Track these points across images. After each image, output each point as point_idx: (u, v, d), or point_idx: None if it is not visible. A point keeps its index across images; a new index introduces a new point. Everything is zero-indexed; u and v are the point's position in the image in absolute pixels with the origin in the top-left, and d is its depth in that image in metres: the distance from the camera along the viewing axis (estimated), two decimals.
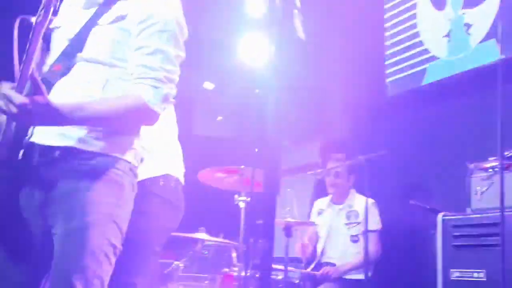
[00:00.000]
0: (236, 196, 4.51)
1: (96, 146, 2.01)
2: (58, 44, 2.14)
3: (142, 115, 2.03)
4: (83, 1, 2.21)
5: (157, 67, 2.04)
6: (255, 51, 6.25)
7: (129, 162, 2.09)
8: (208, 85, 7.25)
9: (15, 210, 2.00)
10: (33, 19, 2.61)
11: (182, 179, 3.15)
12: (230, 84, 7.07)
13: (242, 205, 4.43)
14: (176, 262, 4.76)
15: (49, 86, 1.99)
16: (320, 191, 5.64)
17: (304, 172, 5.55)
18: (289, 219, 4.47)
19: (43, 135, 2.01)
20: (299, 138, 6.40)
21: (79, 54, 2.06)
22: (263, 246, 1.48)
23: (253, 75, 6.07)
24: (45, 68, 2.08)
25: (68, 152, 1.99)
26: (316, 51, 5.70)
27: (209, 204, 5.79)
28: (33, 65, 1.82)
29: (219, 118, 7.47)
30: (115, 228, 2.01)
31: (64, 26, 2.18)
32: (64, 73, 2.04)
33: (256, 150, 3.99)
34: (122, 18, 2.09)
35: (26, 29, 2.55)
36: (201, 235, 4.65)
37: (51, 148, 1.99)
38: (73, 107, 1.90)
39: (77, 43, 2.08)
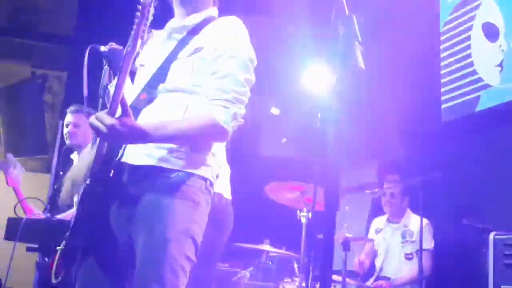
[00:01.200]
0: (298, 211, 4.55)
1: (176, 164, 2.09)
2: (143, 76, 2.26)
3: (214, 133, 2.10)
4: (164, 37, 2.32)
5: (228, 89, 2.12)
6: (318, 79, 6.27)
7: (206, 179, 2.17)
8: (275, 111, 7.30)
9: (105, 224, 2.09)
10: (103, 48, 2.72)
11: (227, 196, 3.18)
12: (294, 109, 7.09)
13: (303, 220, 4.47)
14: (243, 271, 4.80)
15: (137, 112, 2.11)
16: (376, 209, 5.58)
17: (362, 191, 5.51)
18: (347, 234, 4.46)
19: (133, 156, 2.10)
20: (357, 159, 6.35)
21: (162, 85, 2.16)
22: (323, 258, 1.48)
23: (315, 101, 6.08)
24: (132, 97, 2.19)
25: (152, 170, 2.07)
26: (375, 79, 5.67)
27: (274, 219, 5.81)
28: (123, 91, 1.90)
29: (284, 140, 7.49)
30: (191, 243, 2.08)
31: (147, 61, 2.30)
32: (149, 101, 2.15)
33: (317, 169, 4.00)
34: (199, 50, 2.18)
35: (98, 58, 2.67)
36: (266, 247, 4.68)
37: (138, 167, 2.08)
38: (157, 125, 2.00)
39: (160, 75, 2.19)
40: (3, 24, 8.99)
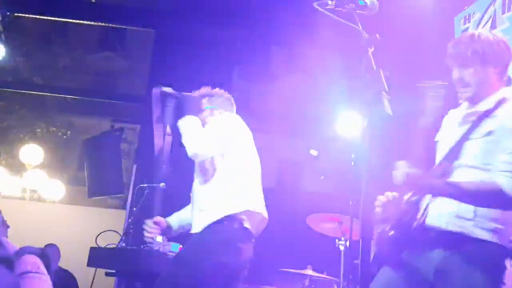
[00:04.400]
0: (337, 240, 4.48)
1: (483, 234, 1.99)
2: (441, 151, 2.24)
3: (497, 199, 2.00)
4: (459, 121, 2.25)
5: None
6: (351, 124, 6.23)
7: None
8: (313, 152, 7.26)
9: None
10: (168, 89, 2.71)
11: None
12: (331, 150, 7.04)
13: (342, 248, 4.40)
14: None
15: None
16: None
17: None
18: None
19: (437, 218, 2.06)
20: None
21: (456, 161, 2.11)
22: (360, 281, 1.43)
23: (349, 143, 6.02)
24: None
25: (457, 237, 2.00)
26: (400, 123, 5.58)
27: (315, 247, 5.70)
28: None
29: (322, 177, 7.41)
30: None
31: (444, 139, 2.27)
32: (444, 174, 2.11)
33: (352, 202, 3.94)
34: (490, 133, 2.09)
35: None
36: (309, 272, 4.61)
37: (443, 232, 2.03)
38: (448, 182, 2.04)
39: (454, 152, 2.14)
40: (87, 87, 9.34)
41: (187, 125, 2.73)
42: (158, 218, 2.90)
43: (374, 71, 1.47)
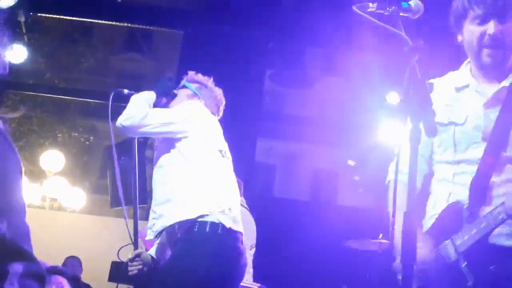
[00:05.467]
0: None
1: None
2: (469, 138, 1.95)
3: None
4: (478, 98, 1.96)
5: None
6: (392, 133, 6.16)
7: None
8: (351, 162, 7.21)
9: None
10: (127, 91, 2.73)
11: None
12: (371, 160, 6.97)
13: None
14: None
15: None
16: None
17: None
18: None
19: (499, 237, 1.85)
20: None
21: (504, 154, 1.88)
22: None
23: (390, 153, 5.96)
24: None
25: None
26: None
27: (353, 266, 5.63)
28: None
29: (361, 190, 7.35)
30: None
31: (467, 122, 1.95)
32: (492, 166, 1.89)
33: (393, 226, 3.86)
34: None
35: None
36: None
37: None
38: None
39: (497, 142, 1.89)
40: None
41: (136, 97, 2.71)
42: (137, 251, 2.79)
43: (418, 80, 1.45)
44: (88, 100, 8.93)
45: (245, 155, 5.38)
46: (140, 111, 2.63)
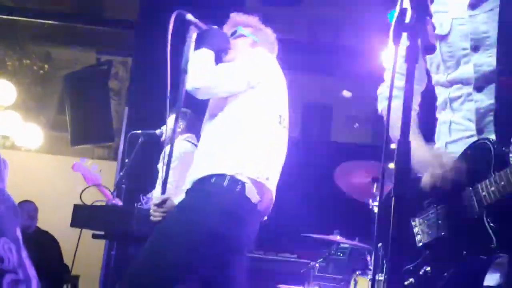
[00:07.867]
0: (370, 201, 4.49)
1: None
2: None
3: None
4: None
5: None
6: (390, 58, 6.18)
7: None
8: (346, 93, 7.24)
9: None
10: (192, 17, 2.76)
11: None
12: (369, 91, 7.02)
13: (376, 210, 4.38)
14: (312, 263, 4.81)
15: None
16: None
17: None
18: None
19: None
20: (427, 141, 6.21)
21: None
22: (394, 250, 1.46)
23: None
24: None
25: None
26: None
27: (345, 208, 5.77)
28: None
29: (356, 125, 7.43)
30: None
31: None
32: None
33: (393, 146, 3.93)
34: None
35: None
36: (336, 238, 4.66)
37: None
38: None
39: None
40: (67, 11, 9.30)
41: (199, 55, 2.77)
42: (165, 197, 2.83)
43: None
44: (42, 21, 8.75)
45: None
46: (211, 70, 2.72)
